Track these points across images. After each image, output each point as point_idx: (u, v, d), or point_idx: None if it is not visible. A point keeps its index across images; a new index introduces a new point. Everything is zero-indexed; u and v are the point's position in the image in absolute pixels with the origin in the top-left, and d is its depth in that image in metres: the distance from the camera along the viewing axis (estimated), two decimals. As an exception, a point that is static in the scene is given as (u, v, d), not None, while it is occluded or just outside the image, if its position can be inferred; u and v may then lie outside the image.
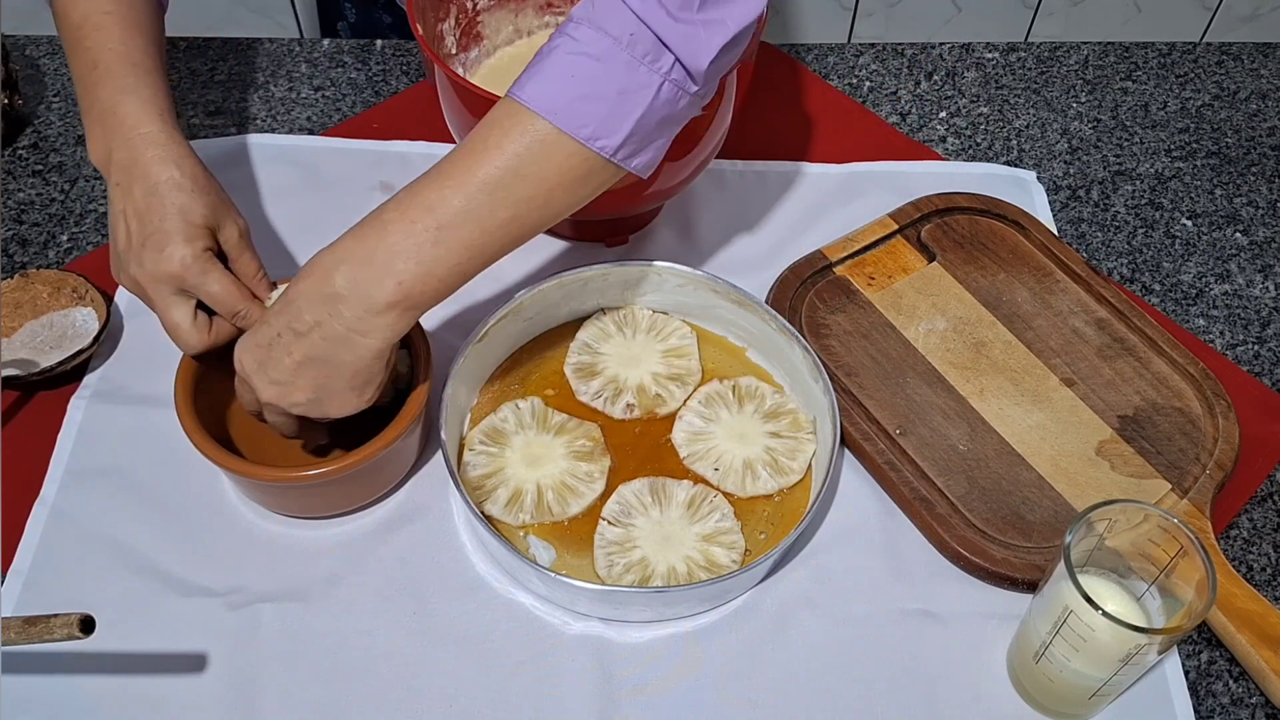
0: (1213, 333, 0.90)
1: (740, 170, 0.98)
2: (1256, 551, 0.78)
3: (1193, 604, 0.61)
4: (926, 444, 0.79)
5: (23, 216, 0.93)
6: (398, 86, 1.04)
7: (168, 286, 0.69)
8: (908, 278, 0.88)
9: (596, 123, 0.62)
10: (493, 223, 0.63)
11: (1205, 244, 0.96)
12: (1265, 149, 1.03)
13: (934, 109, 1.06)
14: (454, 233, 0.62)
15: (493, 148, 0.62)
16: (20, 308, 0.82)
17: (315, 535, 0.75)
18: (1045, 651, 0.65)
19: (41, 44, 1.05)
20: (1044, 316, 0.86)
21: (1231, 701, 0.71)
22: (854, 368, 0.82)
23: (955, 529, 0.74)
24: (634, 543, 0.73)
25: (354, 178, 0.95)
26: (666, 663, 0.71)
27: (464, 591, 0.73)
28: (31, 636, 0.57)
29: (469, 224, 0.62)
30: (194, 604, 0.71)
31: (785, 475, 0.77)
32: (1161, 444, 0.79)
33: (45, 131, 0.99)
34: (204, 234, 0.70)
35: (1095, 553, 0.66)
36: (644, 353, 0.83)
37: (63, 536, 0.74)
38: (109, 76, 0.71)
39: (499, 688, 0.69)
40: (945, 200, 0.93)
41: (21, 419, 0.80)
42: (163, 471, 0.77)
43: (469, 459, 0.76)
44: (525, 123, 0.62)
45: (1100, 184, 1.00)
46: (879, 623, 0.73)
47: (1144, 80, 1.09)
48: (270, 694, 0.68)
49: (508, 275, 0.88)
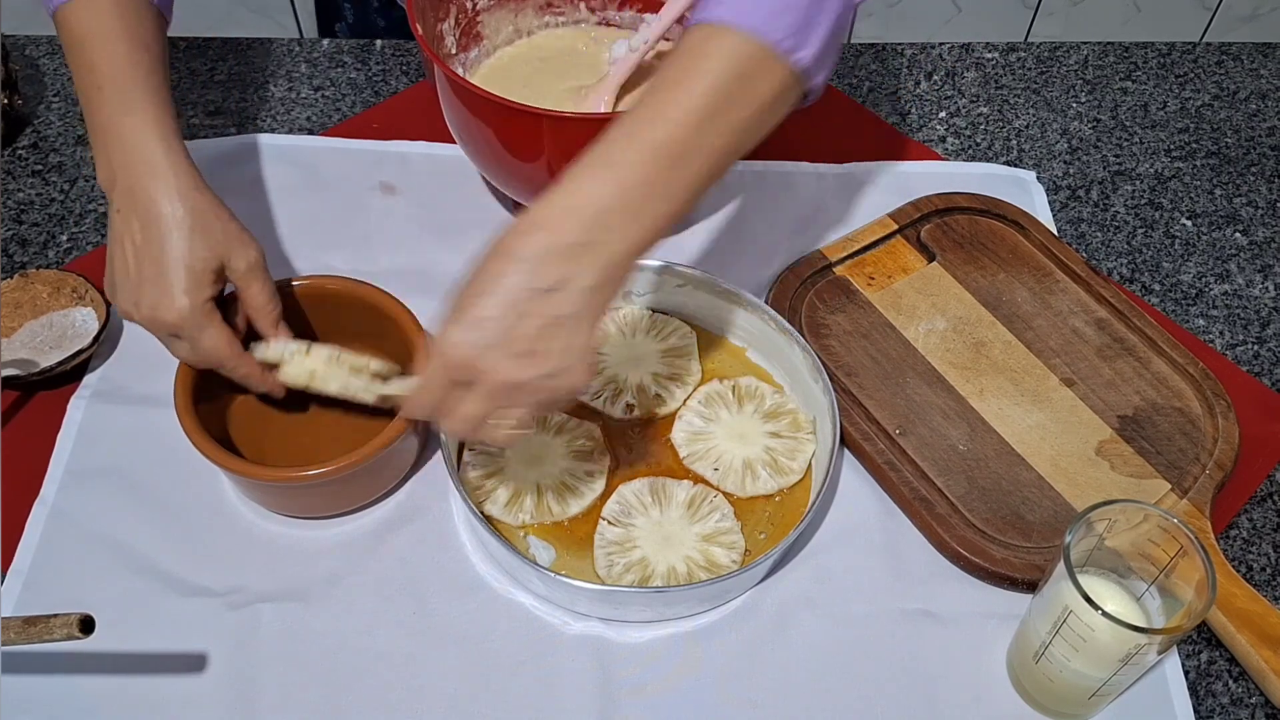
0: (1212, 333, 0.90)
1: (740, 170, 0.97)
2: (1256, 551, 0.78)
3: (1192, 604, 0.61)
4: (926, 444, 0.79)
5: (23, 216, 0.93)
6: (397, 86, 1.04)
7: (164, 330, 0.69)
8: (907, 278, 0.88)
9: (795, 34, 0.60)
10: (714, 151, 0.60)
11: (1205, 244, 0.96)
12: (1265, 149, 1.03)
13: (934, 109, 1.06)
14: (685, 168, 0.59)
15: (703, 74, 0.59)
16: (20, 308, 0.82)
17: (315, 535, 0.75)
18: (1045, 651, 0.65)
19: (41, 44, 1.05)
20: (1044, 316, 0.86)
21: (1231, 701, 0.71)
22: (854, 368, 0.83)
23: (955, 529, 0.74)
24: (634, 543, 0.73)
25: (354, 178, 0.95)
26: (666, 663, 0.71)
27: (464, 591, 0.73)
28: (31, 636, 0.57)
29: (697, 157, 0.60)
30: (194, 604, 0.71)
31: (785, 475, 0.77)
32: (1161, 444, 0.79)
33: (45, 131, 0.99)
34: (207, 280, 0.68)
35: (1095, 553, 0.66)
36: (644, 353, 0.83)
37: (63, 536, 0.74)
38: (113, 95, 0.69)
39: (499, 688, 0.69)
40: (945, 200, 0.93)
41: (21, 419, 0.80)
42: (163, 471, 0.77)
43: (468, 459, 0.76)
44: (728, 42, 0.59)
45: (1100, 184, 1.00)
46: (879, 623, 0.73)
47: (1144, 80, 1.09)
48: (270, 694, 0.68)
49: (508, 275, 0.88)
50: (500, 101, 0.74)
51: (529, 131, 0.76)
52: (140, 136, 0.69)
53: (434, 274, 0.89)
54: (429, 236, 0.91)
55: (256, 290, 0.71)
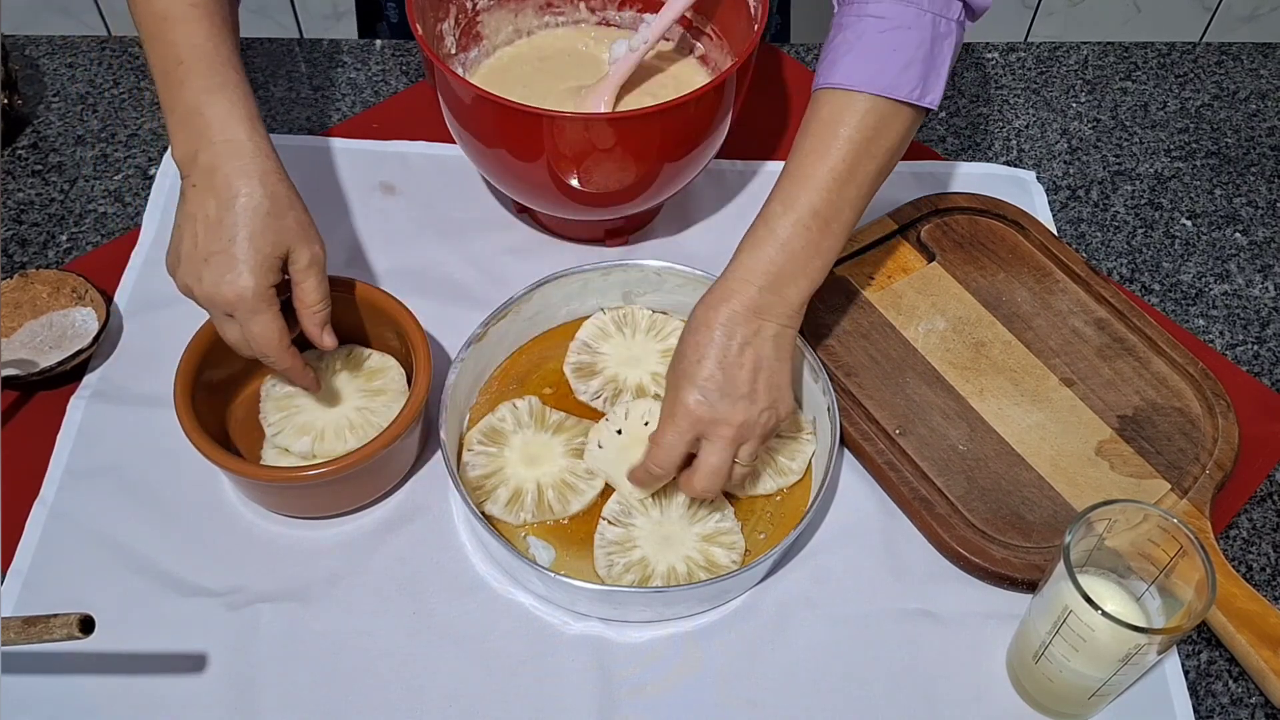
0: (1212, 333, 0.90)
1: (740, 170, 0.98)
2: (1256, 551, 0.78)
3: (1192, 604, 0.61)
4: (926, 444, 0.79)
5: (22, 216, 0.93)
6: (397, 86, 1.04)
7: (220, 309, 0.68)
8: (907, 278, 0.88)
9: (921, 83, 0.69)
10: (859, 200, 0.71)
11: (1205, 244, 0.96)
12: (1265, 149, 1.03)
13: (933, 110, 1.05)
14: (836, 224, 0.70)
15: (843, 140, 0.69)
16: (20, 308, 0.82)
17: (315, 535, 0.75)
18: (1045, 651, 0.65)
19: (41, 44, 1.05)
20: (1043, 316, 0.86)
21: (1231, 701, 0.71)
22: (853, 368, 0.83)
23: (955, 529, 0.74)
24: (634, 542, 0.73)
25: (354, 178, 0.95)
26: (666, 663, 0.71)
27: (464, 591, 0.73)
28: (31, 636, 0.57)
29: (845, 210, 0.70)
30: (194, 604, 0.71)
31: (785, 475, 0.77)
32: (1161, 444, 0.79)
33: (45, 131, 0.99)
34: (271, 265, 0.68)
35: (1095, 553, 0.66)
36: (644, 353, 0.83)
37: (62, 536, 0.74)
38: (195, 74, 0.69)
39: (499, 688, 0.69)
40: (945, 200, 0.93)
41: (21, 419, 0.80)
42: (163, 471, 0.77)
43: (468, 459, 0.76)
44: (861, 106, 0.69)
45: (1100, 184, 1.00)
46: (878, 622, 0.73)
47: (1144, 80, 1.09)
48: (270, 694, 0.68)
49: (508, 275, 0.88)
50: (500, 101, 0.74)
51: (529, 131, 0.76)
52: (226, 117, 0.68)
53: (434, 274, 0.89)
54: (429, 236, 0.91)
55: (311, 287, 0.70)
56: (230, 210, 0.67)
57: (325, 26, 1.82)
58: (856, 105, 0.68)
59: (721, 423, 0.68)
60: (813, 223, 0.69)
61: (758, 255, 0.69)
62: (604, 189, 0.81)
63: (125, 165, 0.96)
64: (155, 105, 1.01)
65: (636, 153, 0.78)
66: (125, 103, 1.01)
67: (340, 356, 0.79)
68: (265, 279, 0.67)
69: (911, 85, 0.69)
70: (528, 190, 0.83)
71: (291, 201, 0.69)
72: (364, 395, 0.77)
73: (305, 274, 0.70)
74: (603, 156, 0.77)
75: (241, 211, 0.67)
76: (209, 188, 0.67)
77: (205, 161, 0.68)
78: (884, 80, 0.68)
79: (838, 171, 0.69)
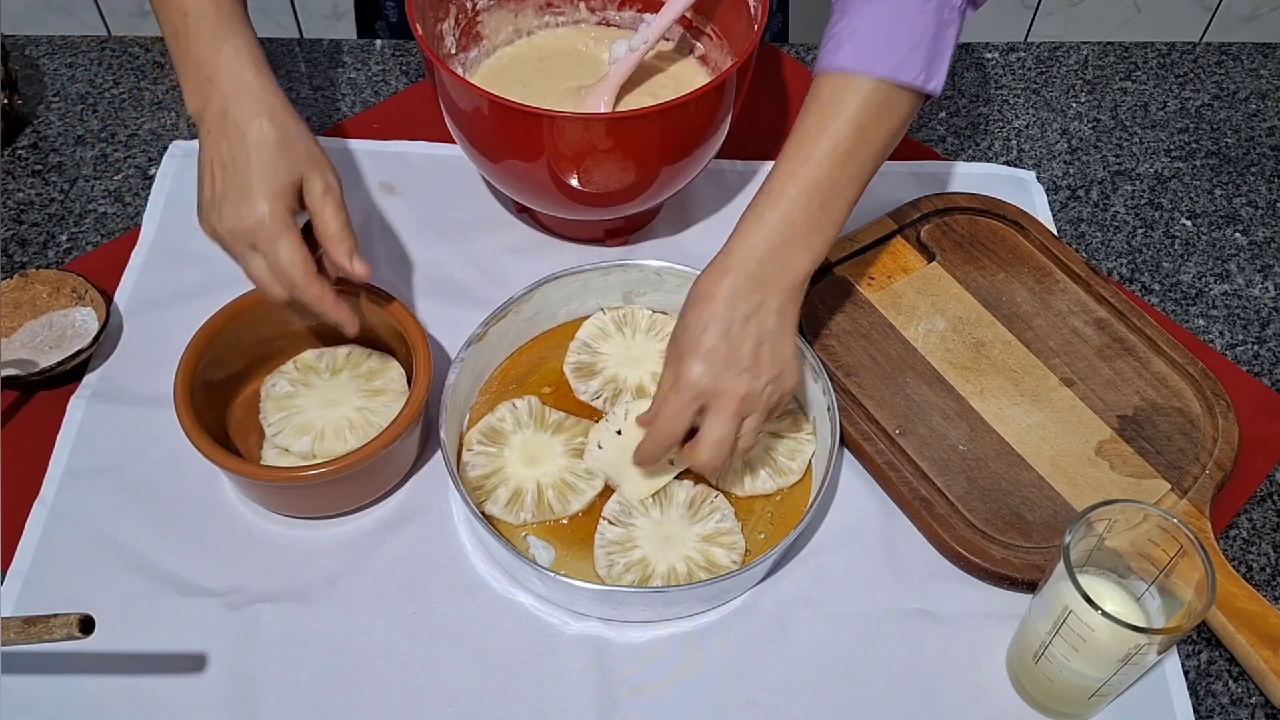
0: (1212, 333, 0.90)
1: (740, 170, 0.98)
2: (1256, 551, 0.78)
3: (1192, 604, 0.61)
4: (926, 444, 0.79)
5: (22, 216, 0.93)
6: (397, 86, 1.04)
7: (243, 241, 0.69)
8: (907, 278, 0.88)
9: (925, 68, 0.69)
10: (860, 178, 0.71)
11: (1205, 244, 0.96)
12: (1265, 149, 1.03)
13: (934, 109, 1.06)
14: (836, 200, 0.70)
15: (845, 119, 0.68)
16: (20, 308, 0.82)
17: (315, 535, 0.75)
18: (1045, 651, 0.65)
19: (41, 44, 1.05)
20: (1043, 316, 0.86)
21: (1231, 701, 0.71)
22: (853, 368, 0.82)
23: (955, 529, 0.74)
24: (634, 542, 0.73)
25: (354, 178, 0.95)
26: (666, 663, 0.71)
27: (464, 591, 0.73)
28: (31, 636, 0.57)
29: (845, 188, 0.70)
30: (194, 604, 0.71)
31: (785, 475, 0.77)
32: (1161, 444, 0.79)
33: (45, 131, 0.99)
34: (286, 192, 0.69)
35: (1095, 553, 0.66)
36: (643, 353, 0.83)
37: (62, 536, 0.74)
38: (202, 25, 0.71)
39: (499, 688, 0.69)
40: (945, 200, 0.93)
41: (21, 419, 0.80)
42: (163, 471, 0.77)
43: (468, 459, 0.76)
44: (863, 88, 0.68)
45: (1100, 184, 1.00)
46: (878, 622, 0.73)
47: (1144, 80, 1.09)
48: (270, 694, 0.68)
49: (508, 275, 0.88)
50: (500, 101, 0.74)
51: (529, 131, 0.76)
52: (234, 63, 0.71)
53: (434, 274, 0.89)
54: (429, 236, 0.91)
55: (330, 216, 0.71)
56: (242, 149, 0.69)
57: (325, 26, 1.82)
58: (860, 87, 0.68)
59: (725, 394, 0.68)
60: (814, 197, 0.69)
61: (759, 228, 0.69)
62: (604, 189, 0.81)
63: (125, 165, 0.96)
64: (156, 105, 1.01)
65: (636, 153, 0.78)
66: (125, 103, 1.01)
67: (340, 356, 0.79)
68: (280, 203, 0.69)
69: (916, 70, 0.68)
70: (528, 190, 0.83)
71: (301, 133, 0.71)
72: (364, 395, 0.77)
73: (322, 202, 0.71)
74: (603, 156, 0.77)
75: (253, 145, 0.69)
76: (221, 131, 0.70)
77: (216, 106, 0.70)
78: (888, 64, 0.68)
79: (840, 149, 0.68)
